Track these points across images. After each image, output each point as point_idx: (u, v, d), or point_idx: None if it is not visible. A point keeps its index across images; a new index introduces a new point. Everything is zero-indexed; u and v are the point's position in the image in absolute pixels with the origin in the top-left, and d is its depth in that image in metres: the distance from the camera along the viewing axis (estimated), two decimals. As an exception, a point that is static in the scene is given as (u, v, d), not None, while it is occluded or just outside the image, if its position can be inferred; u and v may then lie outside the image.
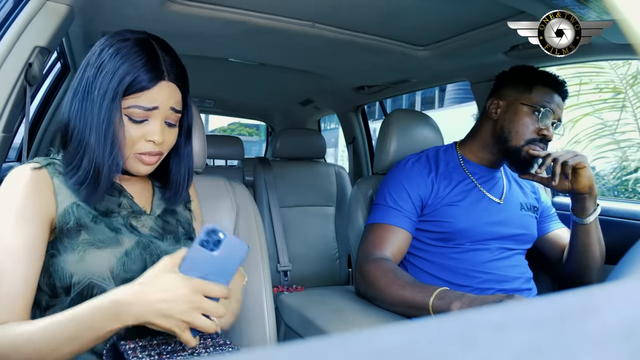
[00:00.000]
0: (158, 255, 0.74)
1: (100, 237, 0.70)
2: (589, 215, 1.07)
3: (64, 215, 0.69)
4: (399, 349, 0.15)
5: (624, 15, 0.31)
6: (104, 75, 0.69)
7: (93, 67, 0.71)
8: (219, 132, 10.63)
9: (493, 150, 1.16)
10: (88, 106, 0.70)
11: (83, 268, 0.67)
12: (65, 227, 0.68)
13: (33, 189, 0.67)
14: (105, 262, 0.69)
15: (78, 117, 0.71)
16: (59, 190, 0.70)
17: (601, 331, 0.14)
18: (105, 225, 0.71)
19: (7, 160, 1.49)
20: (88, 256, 0.68)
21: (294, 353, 0.16)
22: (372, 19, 1.24)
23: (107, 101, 0.69)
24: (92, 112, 0.70)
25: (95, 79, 0.70)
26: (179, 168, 0.83)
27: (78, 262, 0.67)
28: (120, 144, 0.71)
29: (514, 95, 1.12)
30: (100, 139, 0.69)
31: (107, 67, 0.70)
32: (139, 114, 0.71)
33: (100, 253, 0.69)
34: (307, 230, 2.23)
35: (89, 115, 0.70)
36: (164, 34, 0.79)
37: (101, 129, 0.69)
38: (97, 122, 0.69)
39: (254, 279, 1.02)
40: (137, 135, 0.72)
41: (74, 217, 0.69)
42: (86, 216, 0.70)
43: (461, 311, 0.62)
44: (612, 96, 3.13)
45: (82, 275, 0.67)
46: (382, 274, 1.00)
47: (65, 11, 0.88)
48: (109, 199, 0.74)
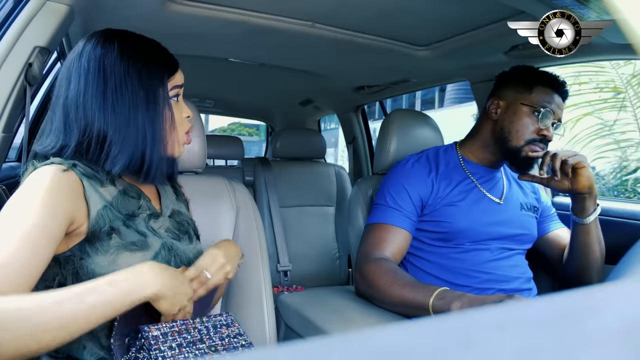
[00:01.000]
0: (179, 257, 0.77)
1: (132, 240, 0.70)
2: (589, 215, 1.07)
3: (97, 218, 0.68)
4: (399, 349, 0.15)
5: (624, 15, 0.31)
6: (137, 74, 0.71)
7: (114, 76, 0.70)
8: (219, 132, 10.63)
9: (493, 150, 1.16)
10: (130, 111, 0.70)
11: (114, 271, 0.66)
12: (99, 230, 0.67)
13: (68, 189, 0.65)
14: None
15: (119, 126, 0.70)
16: (89, 192, 0.68)
17: (601, 331, 0.14)
18: (135, 230, 0.72)
19: (7, 160, 1.49)
20: (120, 259, 0.68)
21: (294, 353, 0.16)
22: (372, 19, 1.24)
23: (155, 92, 0.72)
24: (140, 114, 0.71)
25: (125, 85, 0.70)
26: None
27: (110, 264, 0.67)
28: (174, 127, 0.75)
29: (514, 95, 1.12)
30: (159, 133, 0.72)
31: (135, 67, 0.71)
32: (176, 93, 0.76)
33: (132, 256, 0.69)
34: (307, 230, 2.23)
35: (137, 119, 0.70)
36: (164, 34, 0.79)
37: (158, 121, 0.72)
38: (150, 118, 0.71)
39: (254, 279, 1.01)
40: (179, 116, 0.77)
41: (108, 220, 0.68)
42: (118, 219, 0.70)
43: (461, 311, 0.62)
44: (613, 96, 3.13)
45: None
46: (382, 274, 1.00)
47: (65, 11, 0.88)
48: (130, 201, 0.74)
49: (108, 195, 0.71)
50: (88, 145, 0.70)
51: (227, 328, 0.73)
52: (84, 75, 0.70)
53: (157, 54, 0.75)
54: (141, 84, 0.71)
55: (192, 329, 0.68)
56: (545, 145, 1.10)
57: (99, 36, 0.73)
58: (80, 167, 0.70)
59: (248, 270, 1.02)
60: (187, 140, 0.80)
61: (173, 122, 0.75)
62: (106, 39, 0.73)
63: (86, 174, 0.70)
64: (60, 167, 0.67)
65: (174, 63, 0.77)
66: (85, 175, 0.69)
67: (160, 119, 0.73)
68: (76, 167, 0.69)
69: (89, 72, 0.70)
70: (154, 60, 0.74)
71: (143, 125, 0.71)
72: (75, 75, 0.71)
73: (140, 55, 0.72)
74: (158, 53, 0.75)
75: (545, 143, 1.10)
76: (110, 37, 0.73)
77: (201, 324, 0.70)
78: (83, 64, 0.71)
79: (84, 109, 0.70)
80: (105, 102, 0.69)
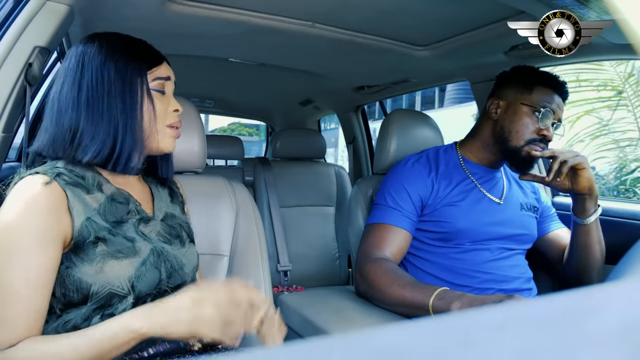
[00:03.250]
0: (170, 262, 0.76)
1: (118, 247, 0.69)
2: (590, 216, 1.07)
3: (81, 230, 0.67)
4: (399, 349, 0.15)
5: (624, 15, 0.31)
6: (113, 66, 0.71)
7: (91, 69, 0.71)
8: (219, 132, 10.64)
9: (493, 150, 1.16)
10: (103, 102, 0.71)
11: (102, 278, 0.67)
12: (83, 241, 0.67)
13: (49, 208, 0.64)
14: (124, 272, 0.69)
15: (92, 117, 0.70)
16: (72, 203, 0.67)
17: (601, 331, 0.14)
18: (122, 236, 0.71)
19: (7, 160, 1.49)
20: (107, 267, 0.67)
21: (294, 353, 0.16)
22: (372, 19, 1.24)
23: (132, 82, 0.72)
24: (114, 104, 0.71)
25: (101, 75, 0.71)
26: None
27: (97, 273, 0.67)
28: (156, 119, 0.75)
29: (514, 95, 1.12)
30: (132, 123, 0.72)
31: (112, 59, 0.72)
32: (160, 85, 0.76)
33: (119, 264, 0.68)
34: (307, 230, 2.23)
35: (111, 109, 0.71)
36: (164, 34, 0.79)
37: (133, 112, 0.72)
38: (124, 108, 0.71)
39: (254, 279, 1.02)
40: (162, 108, 0.76)
41: (93, 231, 0.68)
42: (103, 229, 0.69)
43: (461, 311, 0.62)
44: (613, 95, 3.13)
45: (101, 285, 0.67)
46: (382, 274, 1.00)
47: (65, 11, 0.88)
48: (118, 207, 0.74)
49: (95, 203, 0.70)
50: (62, 137, 0.70)
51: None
52: (64, 74, 0.72)
53: (138, 47, 0.76)
54: (117, 73, 0.71)
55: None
56: (545, 145, 1.10)
57: (85, 38, 0.75)
58: (65, 176, 0.69)
59: (248, 270, 1.02)
60: (175, 134, 0.79)
61: (154, 114, 0.75)
62: (90, 39, 0.75)
63: (71, 182, 0.69)
64: (42, 180, 0.65)
65: (157, 56, 0.77)
66: (70, 184, 0.68)
67: (139, 110, 0.73)
68: (60, 176, 0.68)
69: (69, 69, 0.72)
70: (133, 52, 0.74)
71: (116, 115, 0.71)
72: (60, 76, 0.73)
73: (118, 48, 0.73)
74: (139, 47, 0.76)
75: (546, 143, 1.10)
76: (95, 37, 0.75)
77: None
78: (65, 65, 0.73)
79: (60, 103, 0.71)
80: (80, 93, 0.70)
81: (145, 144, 0.76)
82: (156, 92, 0.76)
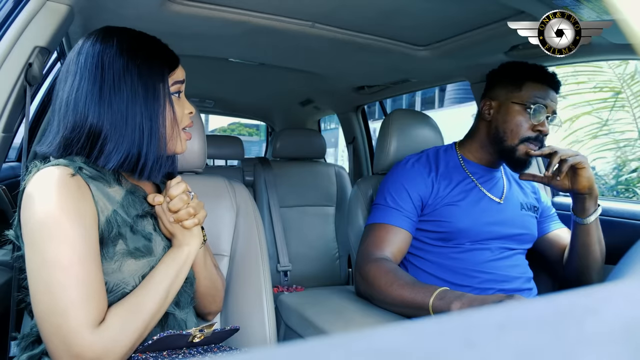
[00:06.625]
0: None
1: (137, 245, 0.70)
2: (590, 216, 1.07)
3: (107, 223, 0.67)
4: (399, 349, 0.15)
5: (624, 15, 0.31)
6: (136, 70, 0.70)
7: (112, 72, 0.68)
8: (219, 132, 10.63)
9: (490, 150, 1.16)
10: (127, 108, 0.69)
11: (118, 277, 0.67)
12: (107, 235, 0.67)
13: (81, 194, 0.64)
14: (140, 271, 0.69)
15: (115, 124, 0.68)
16: (97, 197, 0.67)
17: (601, 331, 0.14)
18: (141, 233, 0.71)
19: (7, 160, 1.49)
20: (125, 266, 0.68)
21: (294, 353, 0.16)
22: (372, 19, 1.24)
23: (155, 88, 0.71)
24: (138, 111, 0.69)
25: (124, 80, 0.69)
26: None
27: (114, 272, 0.67)
28: (177, 123, 0.75)
29: (505, 94, 1.12)
30: (156, 130, 0.71)
31: (134, 63, 0.70)
32: (178, 88, 0.76)
33: (136, 263, 0.69)
34: (307, 230, 2.23)
35: (135, 116, 0.69)
36: (164, 34, 0.79)
37: (156, 117, 0.71)
38: (149, 114, 0.70)
39: (254, 279, 1.01)
40: (180, 111, 0.76)
41: (116, 225, 0.68)
42: (125, 224, 0.69)
43: (461, 311, 0.62)
44: (612, 95, 3.13)
45: (115, 284, 0.67)
46: (382, 274, 1.00)
47: (65, 11, 0.88)
48: (137, 201, 0.74)
49: (117, 196, 0.70)
50: (78, 141, 0.68)
51: (218, 349, 0.74)
52: (79, 72, 0.69)
53: (158, 49, 0.74)
54: (140, 79, 0.69)
55: (183, 353, 0.69)
56: (540, 142, 1.09)
57: (98, 33, 0.72)
58: (86, 170, 0.68)
59: (248, 270, 1.02)
60: (188, 137, 0.79)
61: (175, 118, 0.74)
62: (105, 36, 0.71)
63: (92, 176, 0.68)
64: (67, 171, 0.65)
65: (175, 59, 0.76)
66: (92, 177, 0.68)
67: (161, 115, 0.71)
68: (82, 170, 0.68)
69: (85, 69, 0.69)
70: (154, 55, 0.72)
71: (141, 121, 0.69)
72: (72, 73, 0.70)
73: (139, 50, 0.71)
74: (158, 49, 0.74)
75: (541, 140, 1.09)
76: (110, 34, 0.72)
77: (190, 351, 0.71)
78: (81, 61, 0.69)
79: (76, 104, 0.68)
80: (102, 98, 0.68)
81: (167, 149, 0.75)
82: (174, 95, 0.75)
